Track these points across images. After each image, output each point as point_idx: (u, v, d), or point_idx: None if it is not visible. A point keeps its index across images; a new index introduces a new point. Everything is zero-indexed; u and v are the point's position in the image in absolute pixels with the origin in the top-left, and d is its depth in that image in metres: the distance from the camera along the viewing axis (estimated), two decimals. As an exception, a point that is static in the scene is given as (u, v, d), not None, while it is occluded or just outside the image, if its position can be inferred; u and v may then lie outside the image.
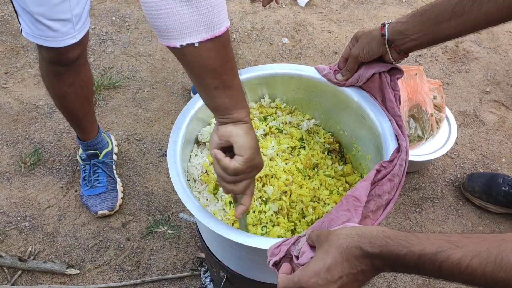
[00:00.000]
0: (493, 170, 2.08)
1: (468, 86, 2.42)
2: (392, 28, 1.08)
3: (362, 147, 1.28)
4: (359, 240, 0.70)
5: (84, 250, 1.84)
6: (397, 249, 0.66)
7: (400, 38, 1.08)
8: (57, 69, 1.56)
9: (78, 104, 1.73)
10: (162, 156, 2.12)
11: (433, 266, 0.63)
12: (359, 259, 0.70)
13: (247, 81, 1.27)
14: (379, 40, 1.11)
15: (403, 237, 0.67)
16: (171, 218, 1.91)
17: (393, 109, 1.16)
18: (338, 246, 0.71)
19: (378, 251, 0.68)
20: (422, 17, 1.04)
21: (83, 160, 1.96)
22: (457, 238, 0.63)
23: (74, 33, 1.42)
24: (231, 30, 2.70)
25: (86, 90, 1.71)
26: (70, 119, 1.82)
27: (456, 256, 0.62)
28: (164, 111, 2.29)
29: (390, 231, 0.69)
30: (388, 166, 1.05)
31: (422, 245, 0.65)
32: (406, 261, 0.65)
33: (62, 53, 1.46)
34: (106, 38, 2.63)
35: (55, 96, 1.70)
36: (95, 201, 1.90)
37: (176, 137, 1.15)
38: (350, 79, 1.21)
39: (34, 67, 2.46)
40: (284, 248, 0.90)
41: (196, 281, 1.75)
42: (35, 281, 1.76)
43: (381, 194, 0.99)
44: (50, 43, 1.41)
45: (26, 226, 1.90)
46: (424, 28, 1.04)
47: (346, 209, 0.95)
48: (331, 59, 2.53)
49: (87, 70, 1.68)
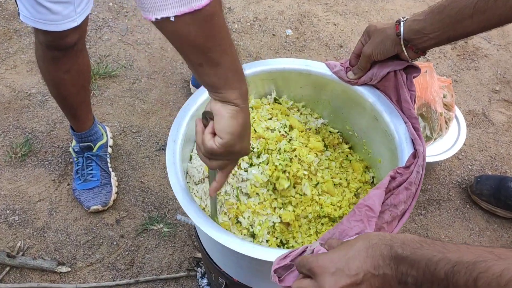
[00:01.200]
0: (502, 172, 2.01)
1: (477, 84, 2.34)
2: (408, 27, 1.01)
3: (373, 149, 1.21)
4: (392, 240, 0.63)
5: (76, 246, 1.76)
6: (431, 254, 0.59)
7: (418, 37, 1.00)
8: (54, 54, 1.49)
9: (74, 92, 1.65)
10: (159, 150, 2.03)
11: (468, 277, 0.55)
12: (385, 260, 0.63)
13: (252, 76, 1.19)
14: (394, 39, 1.03)
15: (440, 243, 0.61)
16: (167, 216, 1.84)
17: (409, 110, 1.08)
18: (366, 241, 0.65)
19: (409, 253, 0.61)
20: (441, 14, 0.96)
21: (76, 152, 1.88)
22: (501, 251, 0.56)
23: (75, 16, 1.35)
24: (233, 20, 2.60)
25: (83, 77, 1.64)
26: (65, 108, 1.74)
27: (497, 268, 0.53)
28: (162, 103, 2.21)
29: (427, 239, 0.63)
30: (404, 173, 0.98)
31: (460, 252, 0.58)
32: (438, 269, 0.58)
33: (60, 37, 1.40)
34: (103, 25, 2.53)
35: (50, 83, 1.63)
36: (88, 196, 1.82)
37: (176, 136, 1.07)
38: (363, 78, 1.13)
39: (28, 53, 2.37)
40: (290, 259, 0.83)
41: (192, 282, 1.68)
42: (24, 278, 1.69)
43: (397, 204, 0.92)
44: (50, 27, 1.34)
45: (15, 220, 1.82)
46: (444, 26, 0.96)
47: (359, 220, 0.88)
48: (336, 53, 2.44)
49: (85, 56, 1.61)
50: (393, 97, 1.11)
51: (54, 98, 1.72)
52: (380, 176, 1.18)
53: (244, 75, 0.82)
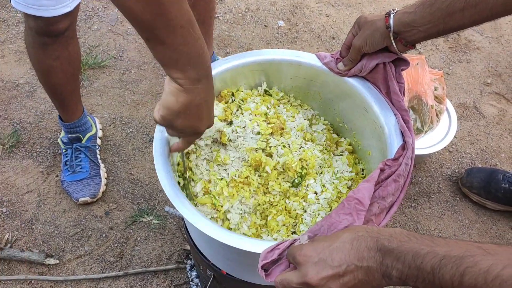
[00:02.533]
0: (492, 165, 2.02)
1: (469, 77, 2.34)
2: (398, 20, 0.99)
3: (362, 141, 1.20)
4: (379, 233, 0.63)
5: (64, 239, 1.74)
6: (419, 247, 0.58)
7: (407, 30, 0.99)
8: (44, 40, 1.48)
9: (63, 80, 1.63)
10: (149, 141, 2.01)
11: (455, 271, 0.54)
12: (370, 252, 0.62)
13: (242, 67, 1.18)
14: (384, 32, 1.02)
15: (429, 237, 0.60)
16: (157, 208, 1.82)
17: (399, 102, 1.08)
18: (353, 233, 0.64)
19: (396, 245, 0.60)
20: (432, 7, 0.94)
21: (64, 143, 1.85)
22: (490, 246, 0.56)
23: (69, 0, 1.35)
24: (224, 10, 2.58)
25: (72, 65, 1.62)
26: (54, 97, 1.72)
27: (485, 264, 0.53)
28: (152, 94, 2.18)
29: (416, 233, 0.62)
30: (392, 165, 0.97)
31: (448, 246, 0.57)
32: (424, 263, 0.57)
33: (51, 23, 1.39)
34: (92, 14, 2.49)
35: (40, 70, 1.61)
36: (76, 188, 1.80)
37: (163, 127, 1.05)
38: (353, 69, 1.12)
39: (16, 42, 2.33)
40: (277, 252, 0.82)
41: (181, 274, 1.67)
42: (11, 270, 1.67)
43: (385, 196, 0.91)
44: (43, 13, 1.33)
45: (3, 211, 1.80)
46: (434, 19, 0.95)
47: (348, 213, 0.87)
48: (328, 44, 2.43)
49: (75, 44, 1.60)
50: (382, 89, 1.11)
51: (43, 87, 1.69)
52: (370, 168, 1.17)
53: (199, 60, 0.81)
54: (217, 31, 2.46)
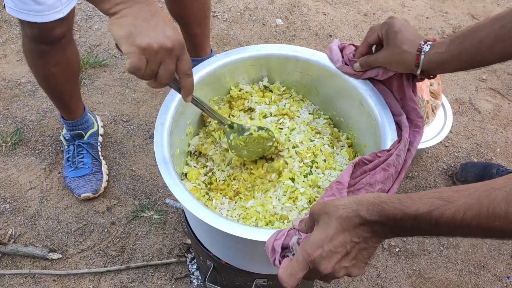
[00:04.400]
0: (487, 159, 2.05)
1: (464, 73, 2.37)
2: (428, 60, 0.97)
3: (358, 134, 1.23)
4: (358, 209, 0.69)
5: (67, 234, 1.77)
6: (393, 213, 0.66)
7: (434, 68, 0.98)
8: (41, 48, 1.48)
9: (63, 83, 1.65)
10: (150, 138, 2.05)
11: (430, 224, 0.64)
12: (359, 227, 0.69)
13: (240, 62, 1.21)
14: (411, 67, 0.99)
15: (397, 200, 0.67)
16: (158, 203, 1.85)
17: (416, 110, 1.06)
18: (338, 217, 0.70)
19: (376, 217, 0.67)
20: (462, 45, 0.93)
21: (67, 140, 1.88)
22: (448, 194, 0.64)
23: (61, 6, 1.34)
24: (223, 9, 2.61)
25: (72, 69, 1.64)
26: (55, 99, 1.75)
27: (449, 212, 0.62)
28: (152, 92, 2.21)
29: (385, 196, 0.69)
30: (383, 155, 1.00)
31: (415, 205, 0.65)
32: (404, 224, 0.66)
33: (47, 30, 1.39)
34: (93, 14, 2.53)
35: (39, 76, 1.62)
36: (78, 183, 1.83)
37: (164, 119, 1.08)
38: (369, 72, 1.10)
39: (17, 42, 2.36)
40: (279, 243, 0.85)
41: (182, 267, 1.70)
42: (15, 265, 1.70)
43: (373, 183, 0.95)
44: (35, 18, 1.33)
45: (6, 208, 1.83)
46: (463, 57, 0.93)
47: (331, 194, 0.93)
48: (326, 42, 2.46)
49: (73, 48, 1.60)
50: (397, 94, 1.10)
51: (44, 90, 1.72)
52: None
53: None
54: (216, 30, 2.49)
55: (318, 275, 0.72)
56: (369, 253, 0.72)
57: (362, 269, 0.73)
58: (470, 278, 1.73)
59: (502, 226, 0.59)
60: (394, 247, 1.79)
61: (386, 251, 1.78)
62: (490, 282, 1.73)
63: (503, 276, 1.74)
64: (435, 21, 2.61)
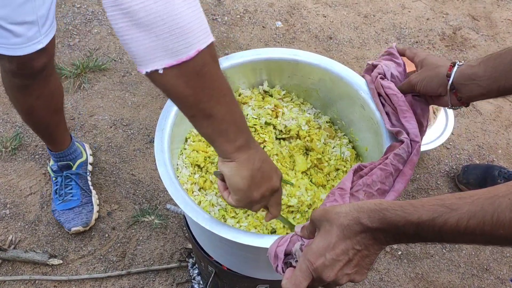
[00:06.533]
0: (489, 161, 2.04)
1: (465, 75, 2.36)
2: (460, 71, 0.96)
3: (359, 137, 1.22)
4: (359, 216, 0.69)
5: (67, 239, 1.77)
6: (395, 220, 0.66)
7: (466, 84, 0.96)
8: (22, 82, 1.40)
9: (47, 116, 1.57)
10: (150, 142, 2.04)
11: (433, 232, 0.64)
12: (361, 235, 0.69)
13: (240, 66, 1.20)
14: (442, 79, 0.99)
15: (399, 207, 0.67)
16: (159, 207, 1.85)
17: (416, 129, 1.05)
18: (339, 225, 0.70)
19: (378, 224, 0.67)
20: (495, 60, 0.92)
21: (54, 171, 1.79)
22: (451, 201, 0.64)
23: (41, 37, 1.26)
24: (223, 12, 2.61)
25: (55, 100, 1.56)
26: (39, 133, 1.67)
27: (453, 220, 0.62)
28: (152, 96, 2.21)
29: (386, 203, 0.68)
30: (381, 160, 0.99)
31: (418, 213, 0.64)
32: (406, 232, 0.66)
33: (26, 62, 1.30)
34: (92, 18, 2.52)
35: (21, 111, 1.54)
36: (68, 216, 1.75)
37: (164, 124, 1.07)
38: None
39: (16, 47, 2.35)
40: (282, 249, 0.84)
41: (183, 272, 1.69)
42: (15, 271, 1.69)
43: (370, 183, 0.95)
44: (15, 51, 1.23)
45: (6, 213, 1.82)
46: (496, 74, 0.92)
47: (333, 200, 0.92)
48: (326, 44, 2.45)
49: (55, 79, 1.52)
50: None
51: (27, 124, 1.63)
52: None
53: (243, 125, 0.81)
54: (215, 33, 2.49)
55: (321, 283, 0.72)
56: (371, 260, 0.72)
57: (365, 275, 0.73)
58: (473, 281, 1.73)
59: (506, 234, 0.59)
60: (396, 250, 1.78)
61: (389, 255, 1.77)
62: (493, 284, 1.72)
63: (506, 279, 1.73)
64: (435, 23, 2.60)
